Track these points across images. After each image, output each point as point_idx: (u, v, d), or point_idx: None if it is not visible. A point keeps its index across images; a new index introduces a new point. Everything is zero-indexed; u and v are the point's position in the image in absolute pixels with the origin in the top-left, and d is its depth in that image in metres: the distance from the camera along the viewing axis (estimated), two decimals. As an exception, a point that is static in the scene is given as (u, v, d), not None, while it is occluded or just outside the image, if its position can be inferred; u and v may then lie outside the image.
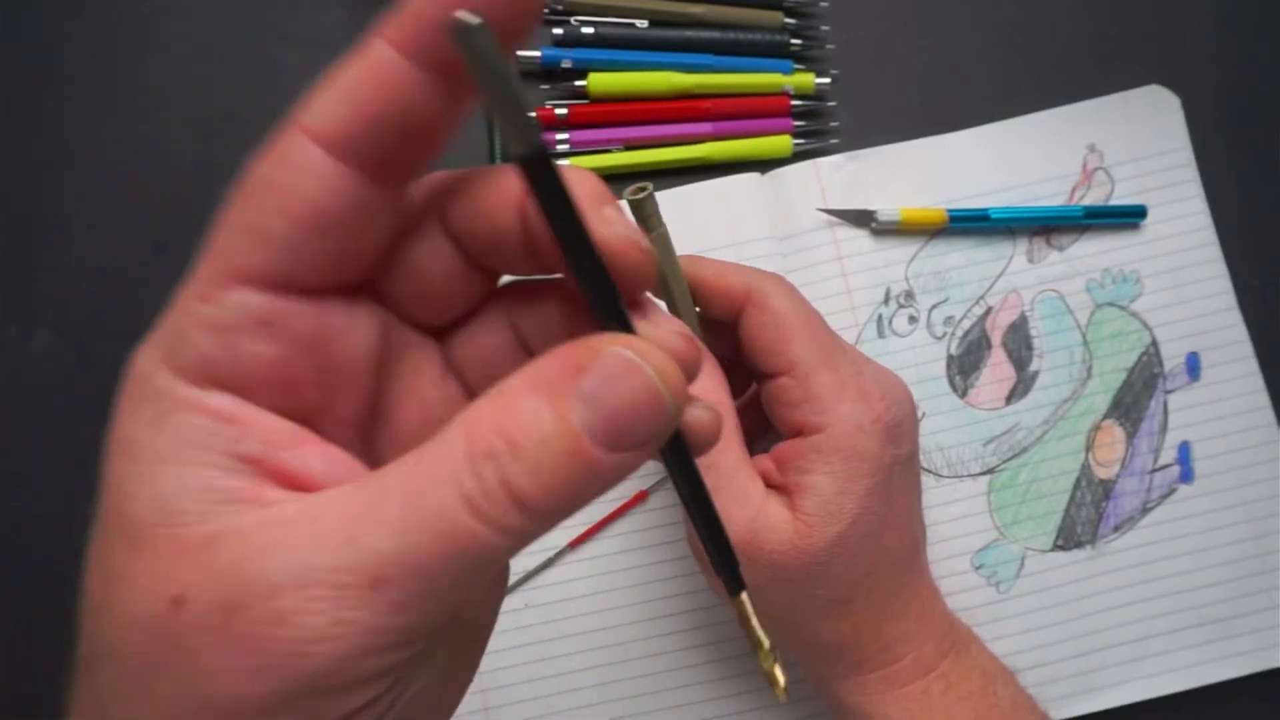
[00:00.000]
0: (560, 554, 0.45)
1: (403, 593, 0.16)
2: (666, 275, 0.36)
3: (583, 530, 0.45)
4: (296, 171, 0.17)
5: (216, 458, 0.18)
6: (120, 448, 0.19)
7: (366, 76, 0.17)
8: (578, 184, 0.18)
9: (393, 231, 0.19)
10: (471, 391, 0.21)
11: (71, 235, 0.47)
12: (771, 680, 0.26)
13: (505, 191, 0.19)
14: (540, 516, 0.17)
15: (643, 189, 0.33)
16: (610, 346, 0.17)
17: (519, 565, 0.44)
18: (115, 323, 0.47)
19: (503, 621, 0.44)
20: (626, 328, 0.18)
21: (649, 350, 0.17)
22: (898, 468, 0.35)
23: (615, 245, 0.18)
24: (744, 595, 0.25)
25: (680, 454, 0.20)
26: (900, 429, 0.35)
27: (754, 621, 0.25)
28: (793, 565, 0.34)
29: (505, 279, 0.21)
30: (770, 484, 0.35)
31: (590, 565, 0.45)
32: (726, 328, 0.37)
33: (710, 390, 0.34)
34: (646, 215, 0.34)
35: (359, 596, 0.16)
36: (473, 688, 0.43)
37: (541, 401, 0.17)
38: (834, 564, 0.34)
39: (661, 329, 0.19)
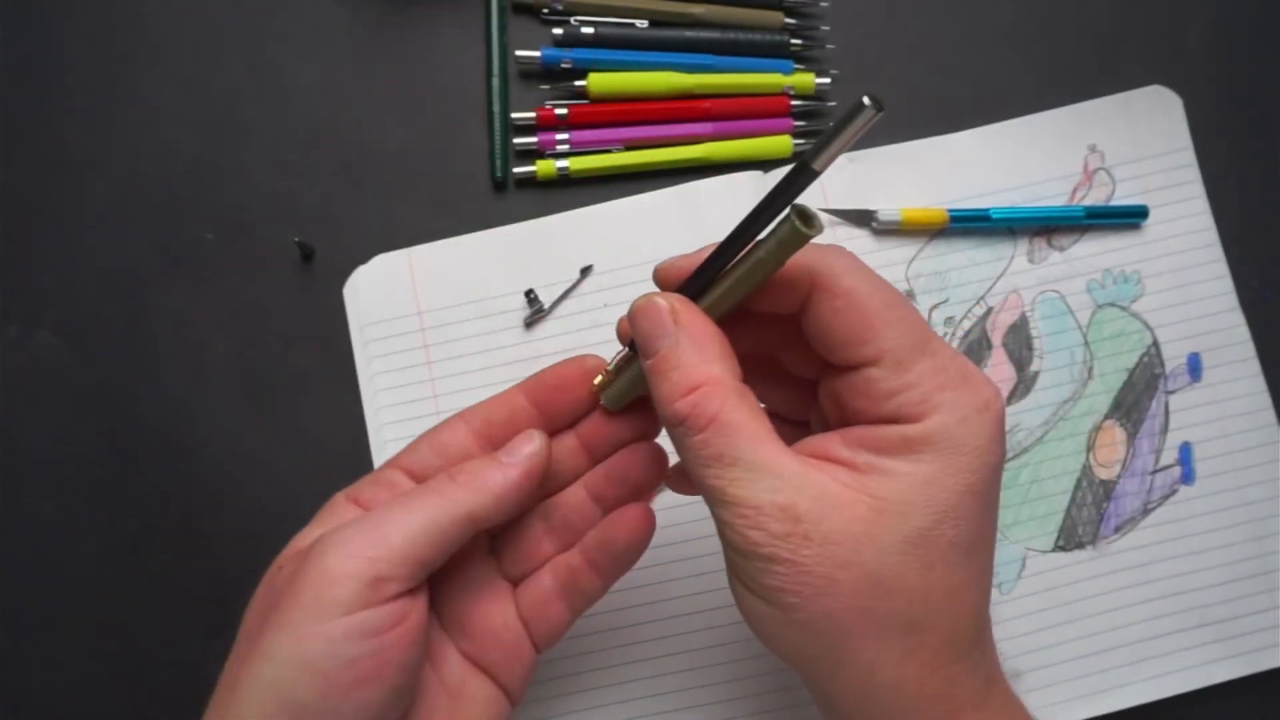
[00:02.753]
0: (560, 554, 0.45)
1: (380, 524, 0.30)
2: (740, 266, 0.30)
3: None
4: (448, 430, 0.35)
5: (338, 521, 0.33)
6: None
7: (503, 402, 0.35)
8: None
9: None
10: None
11: (72, 235, 0.47)
12: None
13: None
14: (466, 486, 0.32)
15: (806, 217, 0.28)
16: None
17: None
18: (116, 322, 0.47)
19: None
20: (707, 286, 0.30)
21: (537, 433, 0.34)
22: (1001, 471, 0.30)
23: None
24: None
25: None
26: (1004, 423, 0.30)
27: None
28: (852, 564, 0.27)
29: None
30: (832, 460, 0.29)
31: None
32: (773, 321, 0.32)
33: (706, 360, 0.29)
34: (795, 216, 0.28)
35: (354, 527, 0.30)
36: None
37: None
38: (906, 571, 0.28)
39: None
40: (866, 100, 0.24)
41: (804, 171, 0.26)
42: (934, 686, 0.28)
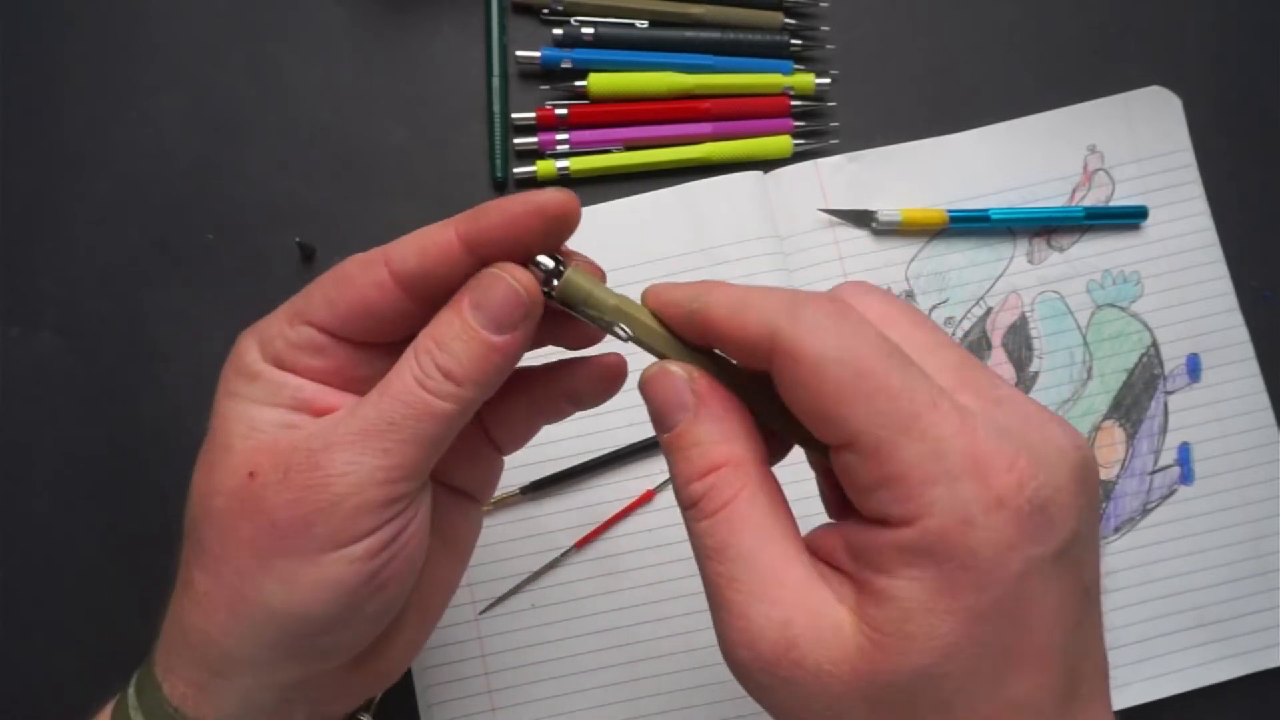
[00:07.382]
0: (566, 554, 0.45)
1: (385, 441, 0.27)
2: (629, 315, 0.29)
3: (588, 531, 0.45)
4: (368, 282, 0.28)
5: (285, 401, 0.29)
6: (227, 393, 0.29)
7: (435, 247, 0.28)
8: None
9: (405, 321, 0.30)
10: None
11: (73, 235, 0.47)
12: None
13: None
14: (464, 382, 0.28)
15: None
16: (484, 270, 0.28)
17: (524, 566, 0.44)
18: (117, 322, 0.47)
19: (508, 622, 0.44)
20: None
21: (508, 267, 0.28)
22: (1039, 573, 0.23)
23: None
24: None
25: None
26: (1046, 513, 0.23)
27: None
28: (850, 698, 0.23)
29: None
30: (835, 566, 0.25)
31: (596, 565, 0.45)
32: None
33: (727, 437, 0.27)
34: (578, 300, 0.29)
35: (359, 445, 0.27)
36: (480, 688, 0.44)
37: (451, 313, 0.28)
38: (915, 712, 0.23)
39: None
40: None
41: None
42: None
